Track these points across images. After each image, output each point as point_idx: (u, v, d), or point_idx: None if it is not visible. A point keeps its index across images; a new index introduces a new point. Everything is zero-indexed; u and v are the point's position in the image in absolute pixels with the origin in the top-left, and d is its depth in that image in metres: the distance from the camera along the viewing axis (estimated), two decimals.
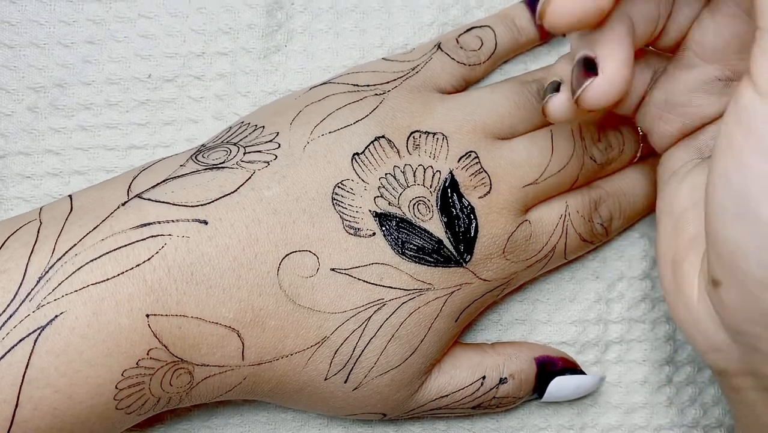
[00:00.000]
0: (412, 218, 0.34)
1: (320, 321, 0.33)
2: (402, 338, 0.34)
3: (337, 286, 0.33)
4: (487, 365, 0.37)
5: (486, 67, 0.40)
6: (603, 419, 0.41)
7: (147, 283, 0.31)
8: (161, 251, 0.31)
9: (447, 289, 0.34)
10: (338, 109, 0.35)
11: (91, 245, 0.31)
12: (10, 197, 0.39)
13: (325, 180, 0.33)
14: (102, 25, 0.40)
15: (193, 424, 0.39)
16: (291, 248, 0.32)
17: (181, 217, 0.32)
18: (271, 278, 0.32)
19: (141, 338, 0.30)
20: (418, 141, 0.35)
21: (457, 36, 0.40)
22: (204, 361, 0.32)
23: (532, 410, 0.41)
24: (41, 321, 0.29)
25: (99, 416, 0.31)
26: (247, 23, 0.40)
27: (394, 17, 0.41)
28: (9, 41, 0.40)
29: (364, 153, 0.34)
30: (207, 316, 0.31)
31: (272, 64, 0.41)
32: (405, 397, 0.36)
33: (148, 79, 0.40)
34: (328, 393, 0.34)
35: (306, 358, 0.33)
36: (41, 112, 0.40)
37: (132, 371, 0.31)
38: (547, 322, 0.41)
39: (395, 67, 0.38)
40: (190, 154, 0.35)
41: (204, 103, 0.40)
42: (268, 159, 0.34)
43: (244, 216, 0.32)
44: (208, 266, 0.31)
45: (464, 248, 0.34)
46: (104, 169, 0.40)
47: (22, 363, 0.29)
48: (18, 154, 0.39)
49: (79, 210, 0.32)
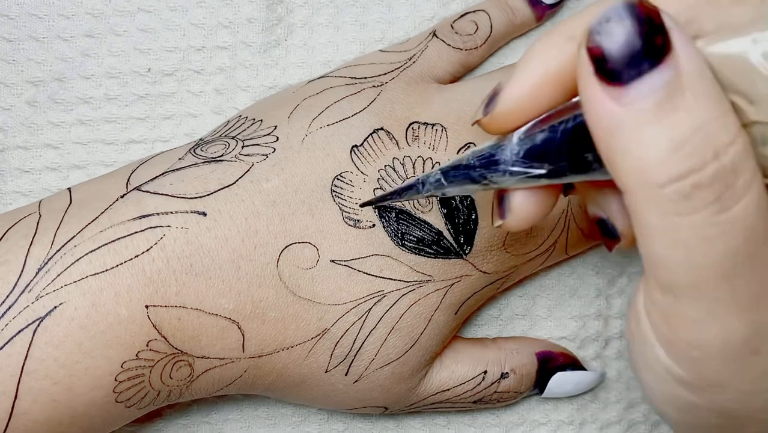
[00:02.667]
0: (412, 210, 0.34)
1: (320, 313, 0.33)
2: (402, 330, 0.34)
3: (336, 277, 0.33)
4: (488, 359, 0.37)
5: (483, 52, 0.40)
6: (603, 415, 0.41)
7: (146, 274, 0.30)
8: (160, 242, 0.31)
9: (447, 281, 0.34)
10: (336, 102, 0.35)
11: (90, 237, 0.31)
12: (8, 191, 0.39)
13: (324, 172, 0.33)
14: (101, 18, 0.40)
15: (192, 419, 0.39)
16: (290, 240, 0.32)
17: (180, 208, 0.32)
18: (270, 270, 0.32)
19: (140, 329, 0.30)
20: (417, 132, 0.35)
21: (452, 22, 0.39)
22: (204, 353, 0.32)
23: (532, 406, 0.41)
24: (40, 312, 0.29)
25: (98, 408, 0.31)
26: (246, 17, 0.40)
27: (394, 11, 0.41)
28: (8, 35, 0.39)
29: (362, 145, 0.34)
30: (206, 307, 0.31)
31: (272, 58, 0.40)
32: (406, 390, 0.36)
33: (148, 73, 0.40)
34: (328, 386, 0.34)
35: (306, 350, 0.33)
36: (40, 106, 0.39)
37: (132, 363, 0.30)
38: (548, 317, 0.41)
39: (392, 58, 0.38)
40: (188, 148, 0.35)
41: (203, 97, 0.40)
42: (266, 152, 0.33)
43: (243, 208, 0.32)
44: (207, 258, 0.31)
45: (464, 240, 0.34)
46: (103, 164, 0.40)
47: (21, 354, 0.29)
48: (17, 148, 0.39)
49: (78, 202, 0.32)
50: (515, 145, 0.26)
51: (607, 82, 0.21)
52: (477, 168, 0.27)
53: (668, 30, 0.21)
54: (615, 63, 0.21)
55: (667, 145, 0.21)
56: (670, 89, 0.21)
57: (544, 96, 0.25)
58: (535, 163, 0.25)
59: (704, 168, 0.21)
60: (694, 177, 0.21)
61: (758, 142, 0.22)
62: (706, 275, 0.22)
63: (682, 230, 0.21)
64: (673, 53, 0.21)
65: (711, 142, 0.21)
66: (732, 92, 0.21)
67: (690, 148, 0.21)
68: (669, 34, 0.21)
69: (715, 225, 0.21)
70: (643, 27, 0.21)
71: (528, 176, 0.26)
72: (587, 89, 0.22)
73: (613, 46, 0.21)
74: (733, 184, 0.21)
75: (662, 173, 0.21)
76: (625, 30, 0.21)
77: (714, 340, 0.23)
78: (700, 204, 0.21)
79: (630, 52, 0.21)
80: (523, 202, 0.27)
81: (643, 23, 0.21)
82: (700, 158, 0.20)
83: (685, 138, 0.21)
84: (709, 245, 0.21)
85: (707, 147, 0.21)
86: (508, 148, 0.26)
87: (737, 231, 0.21)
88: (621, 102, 0.21)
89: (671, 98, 0.21)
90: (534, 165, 0.25)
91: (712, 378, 0.24)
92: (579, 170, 0.25)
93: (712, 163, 0.21)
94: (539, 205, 0.27)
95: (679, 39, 0.21)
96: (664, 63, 0.21)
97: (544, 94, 0.25)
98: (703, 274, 0.22)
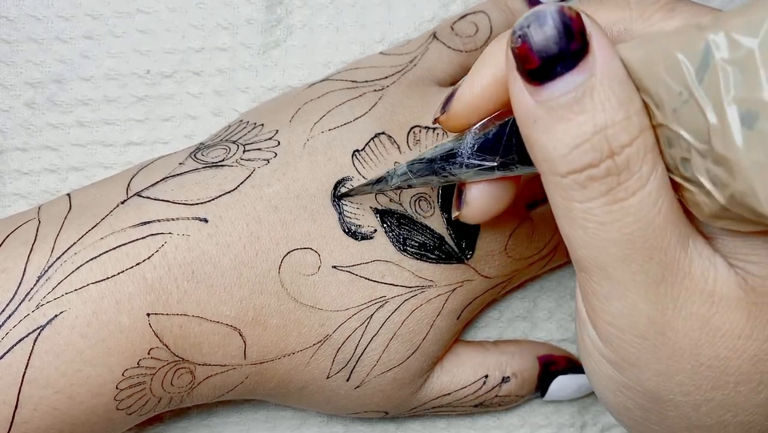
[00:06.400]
0: (414, 215, 0.34)
1: (322, 319, 0.33)
2: (404, 335, 0.34)
3: (338, 284, 0.33)
4: (489, 363, 0.37)
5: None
6: (604, 418, 0.41)
7: (147, 281, 0.30)
8: (161, 250, 0.31)
9: (449, 286, 0.34)
10: (337, 106, 0.35)
11: (90, 244, 0.30)
12: (7, 193, 0.39)
13: (326, 177, 0.33)
14: (100, 20, 0.39)
15: (192, 422, 0.39)
16: (292, 246, 0.32)
17: (181, 215, 0.31)
18: (272, 276, 0.32)
19: (142, 338, 0.30)
20: (418, 136, 0.35)
21: (452, 24, 0.39)
22: (205, 360, 0.32)
23: (533, 408, 0.41)
24: (41, 321, 0.29)
25: (99, 416, 0.31)
26: (246, 18, 0.40)
27: (394, 12, 0.41)
28: (7, 36, 0.39)
29: (364, 150, 0.34)
30: (208, 315, 0.31)
31: (272, 59, 0.40)
32: (407, 395, 0.36)
33: (147, 74, 0.40)
34: (330, 392, 0.34)
35: (308, 356, 0.33)
36: (39, 108, 0.39)
37: (133, 371, 0.30)
38: (549, 319, 0.41)
39: (393, 61, 0.38)
40: (189, 152, 0.34)
41: (203, 99, 0.40)
42: (267, 157, 0.33)
43: (245, 214, 0.32)
44: (209, 264, 0.31)
45: (466, 245, 0.34)
46: (102, 166, 0.39)
47: (21, 363, 0.29)
48: (15, 150, 0.39)
49: (78, 208, 0.32)
50: (470, 140, 0.28)
51: (526, 79, 0.23)
52: (438, 161, 0.29)
53: (589, 34, 0.23)
54: (532, 64, 0.23)
55: (569, 142, 0.23)
56: (579, 92, 0.23)
57: (494, 95, 0.27)
58: (488, 156, 0.28)
59: (599, 165, 0.23)
60: (589, 172, 0.23)
61: (665, 144, 0.24)
62: (604, 255, 0.24)
63: (580, 213, 0.24)
64: (590, 57, 0.23)
65: (608, 143, 0.23)
66: (644, 94, 0.23)
67: (588, 147, 0.23)
68: (589, 38, 0.23)
69: (608, 213, 0.24)
70: (560, 32, 0.23)
71: (482, 168, 0.28)
72: (512, 84, 0.24)
73: (532, 48, 0.23)
74: (626, 180, 0.23)
75: (563, 165, 0.24)
76: (543, 34, 0.23)
77: (622, 317, 0.25)
78: (594, 194, 0.24)
79: (546, 55, 0.23)
80: (477, 195, 0.30)
81: (562, 29, 0.23)
82: (596, 156, 0.23)
83: (585, 137, 0.23)
84: (604, 230, 0.24)
85: (603, 147, 0.23)
86: (465, 143, 0.28)
87: (630, 220, 0.24)
88: (536, 99, 0.23)
89: (580, 101, 0.23)
90: (487, 158, 0.28)
91: (629, 356, 0.26)
92: (527, 162, 0.27)
93: (605, 161, 0.23)
94: (493, 198, 0.30)
95: (598, 43, 0.23)
96: (578, 68, 0.23)
97: (495, 93, 0.27)
98: (602, 255, 0.24)
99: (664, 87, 0.23)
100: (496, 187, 0.30)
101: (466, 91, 0.28)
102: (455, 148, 0.29)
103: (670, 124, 0.23)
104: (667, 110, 0.23)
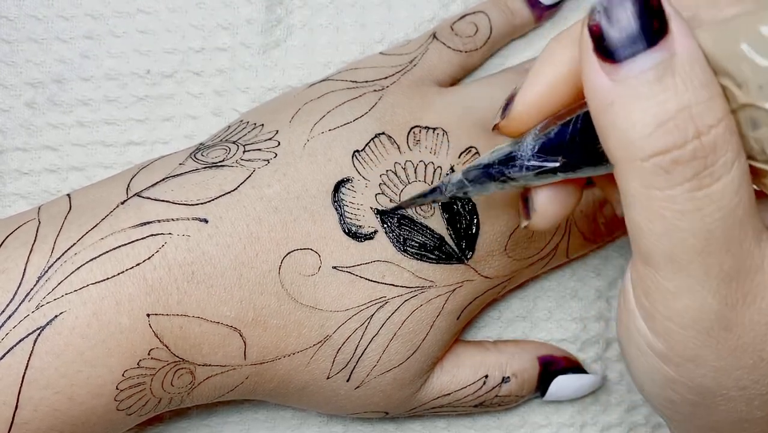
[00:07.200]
0: (414, 215, 0.34)
1: (322, 320, 0.33)
2: (404, 336, 0.34)
3: (339, 284, 0.33)
4: (489, 363, 0.37)
5: (483, 53, 0.40)
6: (604, 417, 0.41)
7: (147, 282, 0.30)
8: (161, 250, 0.31)
9: (449, 286, 0.34)
10: (337, 106, 0.35)
11: (90, 244, 0.30)
12: (7, 193, 0.39)
13: (326, 178, 0.33)
14: (100, 20, 0.40)
15: (192, 422, 0.39)
16: (292, 246, 0.32)
17: (181, 215, 0.31)
18: (272, 277, 0.32)
19: (142, 338, 0.30)
20: (418, 137, 0.35)
21: (452, 24, 0.39)
22: (206, 361, 0.32)
23: (533, 408, 0.41)
24: (41, 321, 0.29)
25: (99, 417, 0.31)
26: (246, 18, 0.40)
27: (394, 12, 0.41)
28: (7, 36, 0.39)
29: (364, 150, 0.34)
30: (208, 315, 0.31)
31: (272, 59, 0.40)
32: (407, 395, 0.36)
33: (147, 74, 0.40)
34: (330, 392, 0.34)
35: (308, 357, 0.33)
36: (39, 108, 0.39)
37: (133, 372, 0.30)
38: (548, 319, 0.41)
39: (393, 61, 0.38)
40: (188, 153, 0.34)
41: (203, 99, 0.40)
42: (267, 157, 0.33)
43: (245, 214, 0.32)
44: (209, 265, 0.31)
45: (466, 245, 0.34)
46: (102, 166, 0.39)
47: (21, 364, 0.29)
48: (16, 150, 0.39)
49: (78, 209, 0.32)
50: (531, 141, 0.27)
51: (603, 58, 0.23)
52: (496, 165, 0.28)
53: (668, 16, 0.22)
54: (611, 41, 0.22)
55: (651, 121, 0.22)
56: (661, 70, 0.22)
57: (557, 96, 0.27)
58: (550, 157, 0.27)
59: (684, 146, 0.22)
60: (674, 153, 0.22)
61: (748, 126, 0.23)
62: (681, 247, 0.23)
63: (661, 202, 0.23)
64: (669, 37, 0.22)
65: (694, 123, 0.22)
66: (723, 77, 0.23)
67: (672, 126, 0.22)
68: (668, 20, 0.22)
69: (691, 200, 0.22)
70: (641, 10, 0.22)
71: (543, 170, 0.27)
72: (586, 65, 0.23)
73: (612, 25, 0.22)
74: (713, 163, 0.22)
75: (645, 147, 0.22)
76: (625, 11, 0.22)
77: (687, 312, 0.24)
78: (679, 179, 0.22)
79: (627, 32, 0.22)
80: (545, 201, 0.29)
81: (643, 6, 0.22)
82: (681, 136, 0.22)
83: (668, 116, 0.22)
84: (685, 219, 0.23)
85: (689, 126, 0.22)
86: (525, 145, 0.27)
87: (713, 209, 0.22)
88: (614, 78, 0.22)
89: (661, 79, 0.22)
90: (549, 159, 0.27)
91: (686, 352, 0.25)
92: (592, 162, 0.26)
93: (692, 141, 0.22)
94: (561, 203, 0.29)
95: (677, 25, 0.22)
96: (658, 45, 0.22)
97: (557, 94, 0.26)
98: (679, 247, 0.23)
99: (749, 64, 0.22)
100: (563, 191, 0.29)
101: (528, 92, 0.27)
102: (514, 152, 0.28)
103: (757, 101, 0.22)
104: (752, 88, 0.22)
